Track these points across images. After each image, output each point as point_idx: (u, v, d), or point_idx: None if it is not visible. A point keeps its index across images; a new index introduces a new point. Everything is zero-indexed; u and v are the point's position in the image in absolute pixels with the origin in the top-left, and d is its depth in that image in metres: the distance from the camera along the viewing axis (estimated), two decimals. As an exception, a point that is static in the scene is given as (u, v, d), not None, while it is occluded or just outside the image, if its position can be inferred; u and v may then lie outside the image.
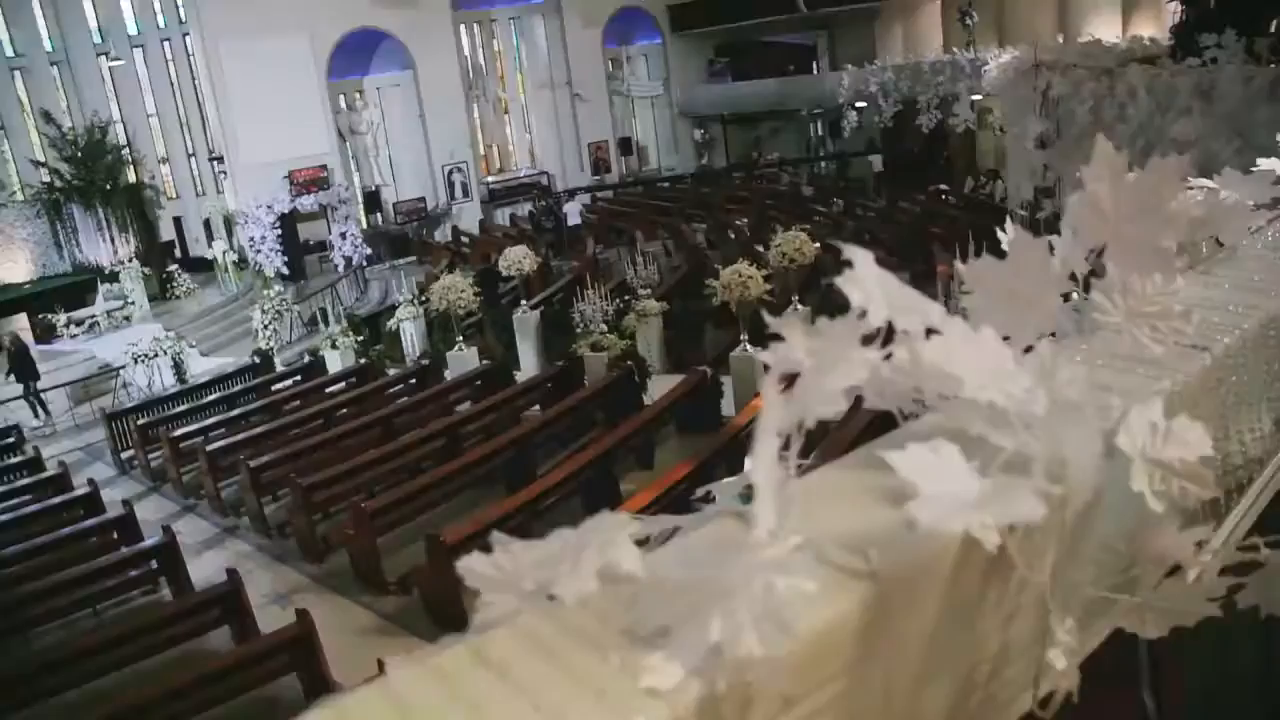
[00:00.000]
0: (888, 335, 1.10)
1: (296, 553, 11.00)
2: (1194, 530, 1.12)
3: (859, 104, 27.05)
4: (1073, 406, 1.12)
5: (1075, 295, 1.22)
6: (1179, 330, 1.20)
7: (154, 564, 9.83)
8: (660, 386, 13.40)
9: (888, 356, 1.12)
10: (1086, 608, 1.14)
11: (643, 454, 12.11)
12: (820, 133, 33.66)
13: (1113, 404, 1.18)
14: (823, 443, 10.43)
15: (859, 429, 10.48)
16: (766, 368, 1.10)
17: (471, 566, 0.94)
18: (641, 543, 0.95)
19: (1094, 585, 1.13)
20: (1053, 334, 1.22)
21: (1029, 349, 1.14)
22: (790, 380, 1.05)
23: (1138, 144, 7.48)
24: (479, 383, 14.32)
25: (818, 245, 14.78)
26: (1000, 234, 1.96)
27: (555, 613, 0.87)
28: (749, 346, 13.06)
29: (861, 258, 1.16)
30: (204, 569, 10.70)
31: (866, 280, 1.17)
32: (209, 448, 12.21)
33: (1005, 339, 1.14)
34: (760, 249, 19.25)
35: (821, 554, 0.96)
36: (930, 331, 1.14)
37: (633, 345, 14.03)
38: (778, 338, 1.16)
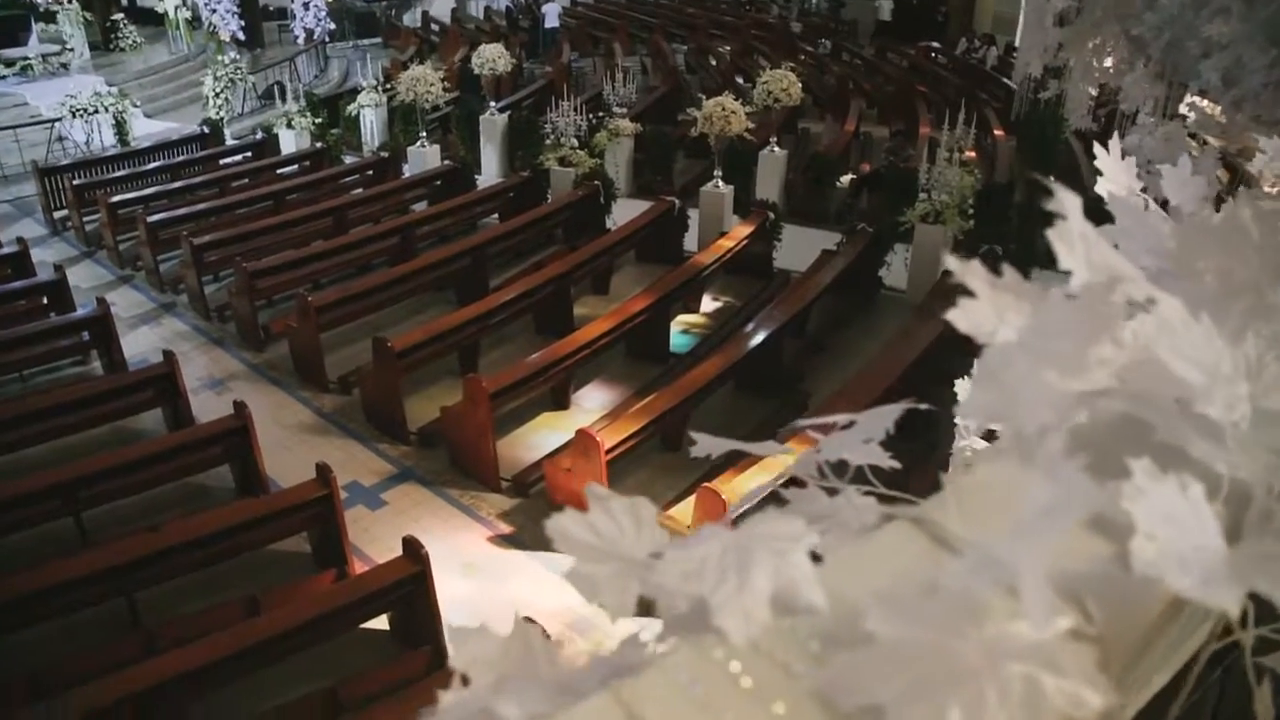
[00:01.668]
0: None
1: (235, 338, 10.73)
2: None
3: (864, -61, 25.72)
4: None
5: None
6: None
7: (85, 335, 9.47)
8: (624, 210, 13.05)
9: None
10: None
11: (599, 279, 11.88)
12: (818, -34, 32.09)
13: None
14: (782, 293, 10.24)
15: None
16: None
17: (564, 529, 0.78)
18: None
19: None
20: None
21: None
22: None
23: (1164, 37, 7.04)
24: (438, 183, 13.82)
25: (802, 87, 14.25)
26: (1101, 152, 1.70)
27: (719, 656, 0.66)
28: (721, 183, 12.69)
29: (1073, 206, 0.92)
30: (137, 344, 10.39)
31: (1076, 236, 0.92)
32: (150, 219, 11.65)
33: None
34: (741, 81, 18.56)
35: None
36: (1135, 306, 0.94)
37: (601, 164, 13.55)
38: (966, 291, 0.92)
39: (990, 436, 1.83)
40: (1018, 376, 0.84)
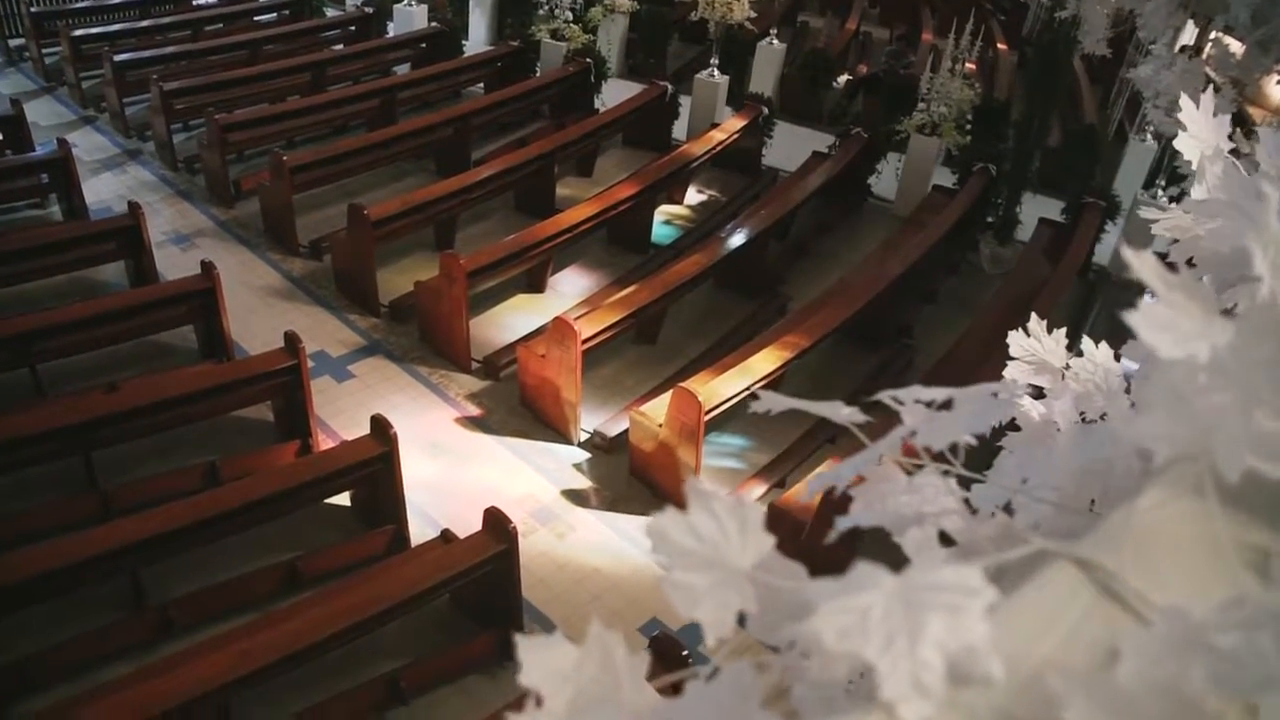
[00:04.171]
0: None
1: (204, 192, 10.32)
2: None
3: None
4: None
5: None
6: None
7: (44, 178, 9.02)
8: (613, 91, 12.66)
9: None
10: None
11: (584, 160, 11.57)
12: None
13: None
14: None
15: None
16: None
17: (663, 531, 0.69)
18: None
19: None
20: None
21: None
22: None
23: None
24: (424, 46, 13.25)
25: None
26: (1188, 106, 1.56)
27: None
28: (716, 72, 12.27)
29: (1273, 203, 0.77)
30: (99, 190, 9.97)
31: (1271, 237, 0.78)
32: (116, 58, 11.04)
33: None
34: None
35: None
36: None
37: (594, 41, 13.04)
38: (1141, 289, 0.76)
39: (1038, 394, 1.68)
40: (1215, 409, 0.69)
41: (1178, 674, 0.57)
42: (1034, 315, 1.64)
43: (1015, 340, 1.64)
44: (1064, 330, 1.63)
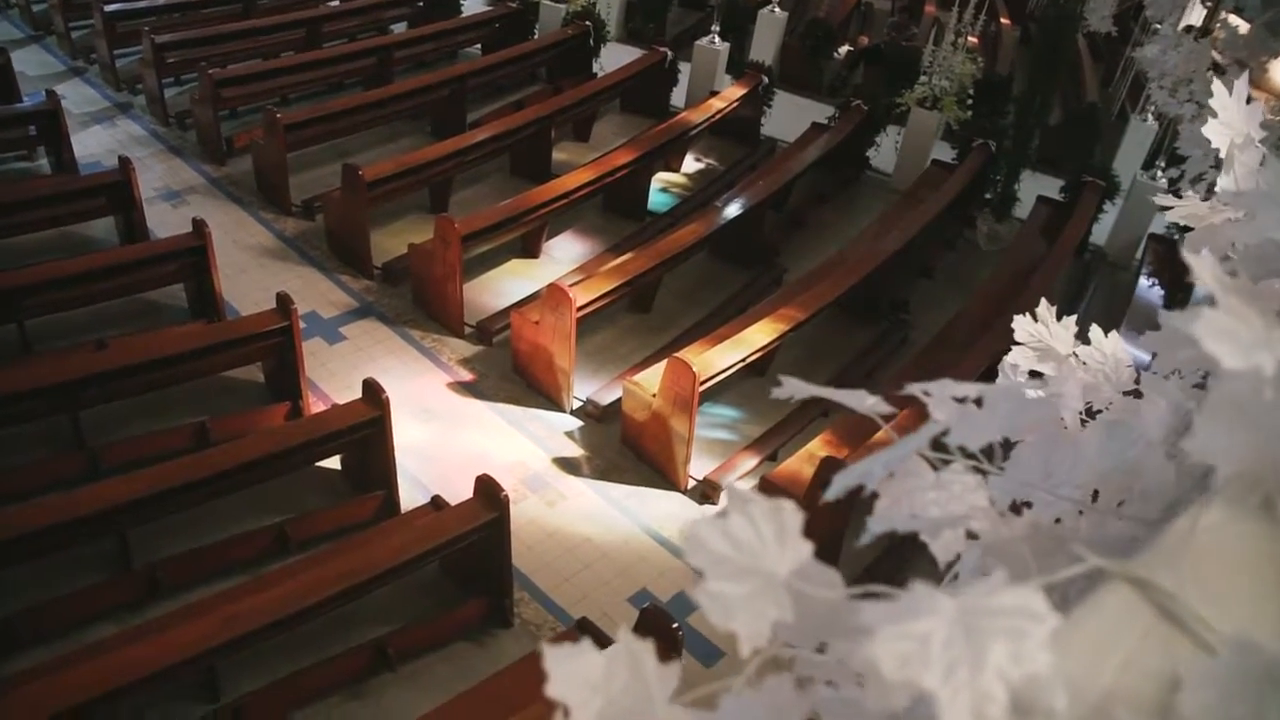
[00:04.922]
0: None
1: (195, 148, 10.17)
2: None
3: None
4: None
5: None
6: None
7: (32, 130, 8.86)
8: (611, 55, 12.52)
9: None
10: None
11: (581, 125, 11.45)
12: None
13: None
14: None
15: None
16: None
17: (700, 538, 0.66)
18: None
19: None
20: None
21: None
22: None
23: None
24: (421, 4, 13.06)
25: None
26: (1220, 91, 1.50)
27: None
28: (717, 39, 12.13)
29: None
30: (88, 144, 9.81)
31: None
32: (106, 8, 10.83)
33: None
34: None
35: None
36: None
37: (593, 4, 12.86)
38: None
39: (1036, 376, 1.65)
40: None
41: (1251, 712, 0.53)
42: (1043, 300, 1.59)
43: (1020, 325, 1.59)
44: (1074, 318, 1.58)
